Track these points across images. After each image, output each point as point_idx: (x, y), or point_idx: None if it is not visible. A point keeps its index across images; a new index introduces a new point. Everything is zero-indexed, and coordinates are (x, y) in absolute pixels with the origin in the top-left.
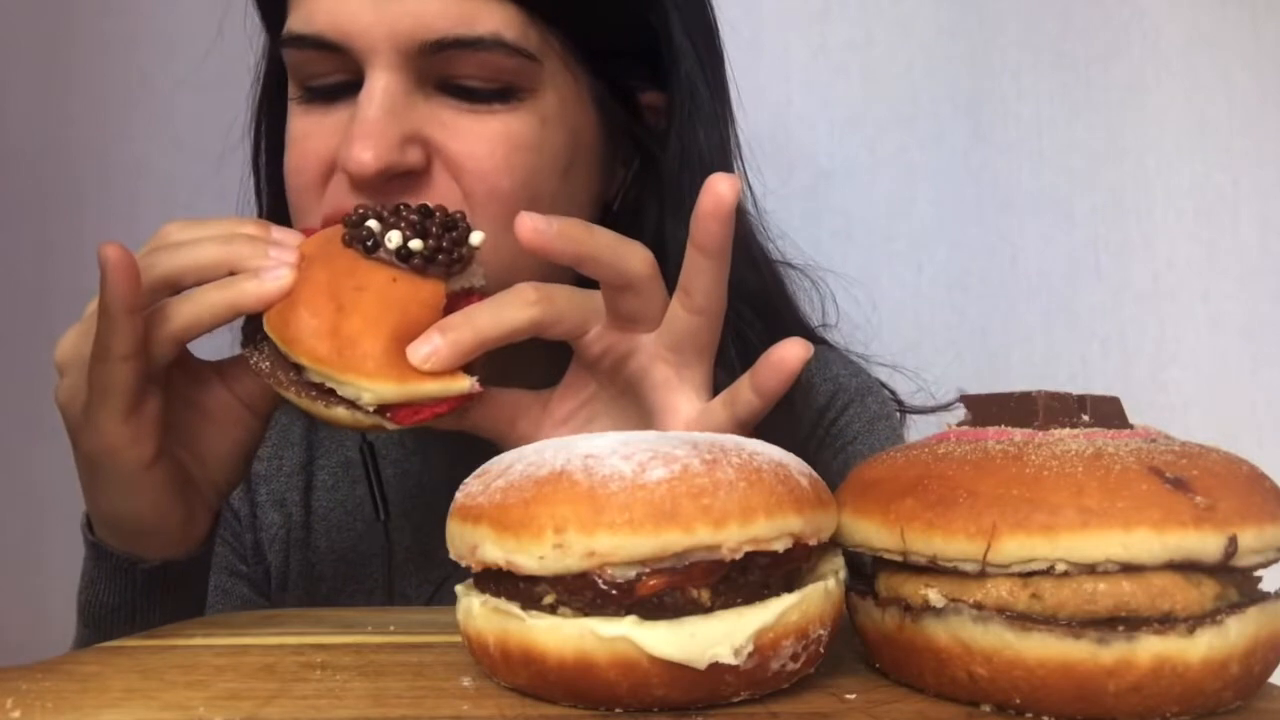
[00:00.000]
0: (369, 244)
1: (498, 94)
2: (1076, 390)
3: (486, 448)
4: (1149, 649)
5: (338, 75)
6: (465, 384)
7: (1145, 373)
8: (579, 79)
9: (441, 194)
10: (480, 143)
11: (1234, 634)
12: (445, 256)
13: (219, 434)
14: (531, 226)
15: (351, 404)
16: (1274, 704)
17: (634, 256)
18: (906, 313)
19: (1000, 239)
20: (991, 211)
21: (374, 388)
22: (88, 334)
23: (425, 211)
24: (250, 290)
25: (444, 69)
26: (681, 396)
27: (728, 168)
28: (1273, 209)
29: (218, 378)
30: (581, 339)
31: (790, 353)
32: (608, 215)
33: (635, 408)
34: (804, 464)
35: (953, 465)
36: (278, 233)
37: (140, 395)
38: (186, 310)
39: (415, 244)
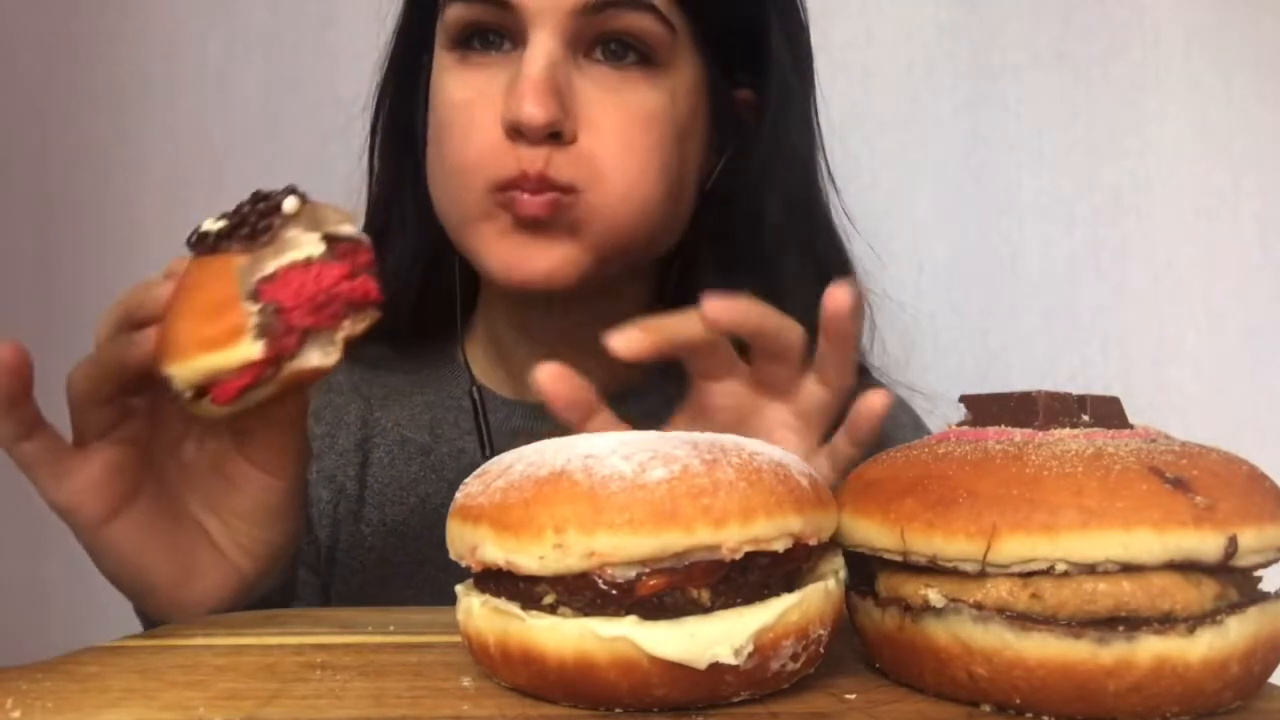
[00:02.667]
0: (191, 241)
1: (639, 57)
2: (1076, 390)
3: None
4: (1149, 649)
5: (498, 30)
6: (255, 350)
7: (1145, 373)
8: (698, 63)
9: (580, 160)
10: (617, 121)
11: (1234, 634)
12: (247, 229)
13: (237, 495)
14: (716, 311)
15: (184, 396)
16: (1274, 704)
17: (792, 330)
18: (907, 313)
19: (1000, 239)
20: (991, 211)
21: (172, 370)
22: (89, 375)
23: (253, 198)
24: (123, 351)
25: (598, 27)
26: None
27: (814, 162)
28: (1273, 209)
29: (231, 436)
30: (712, 385)
31: (875, 402)
32: (700, 196)
33: None
34: (804, 464)
35: (953, 465)
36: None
37: (64, 463)
38: (83, 370)
39: (207, 224)
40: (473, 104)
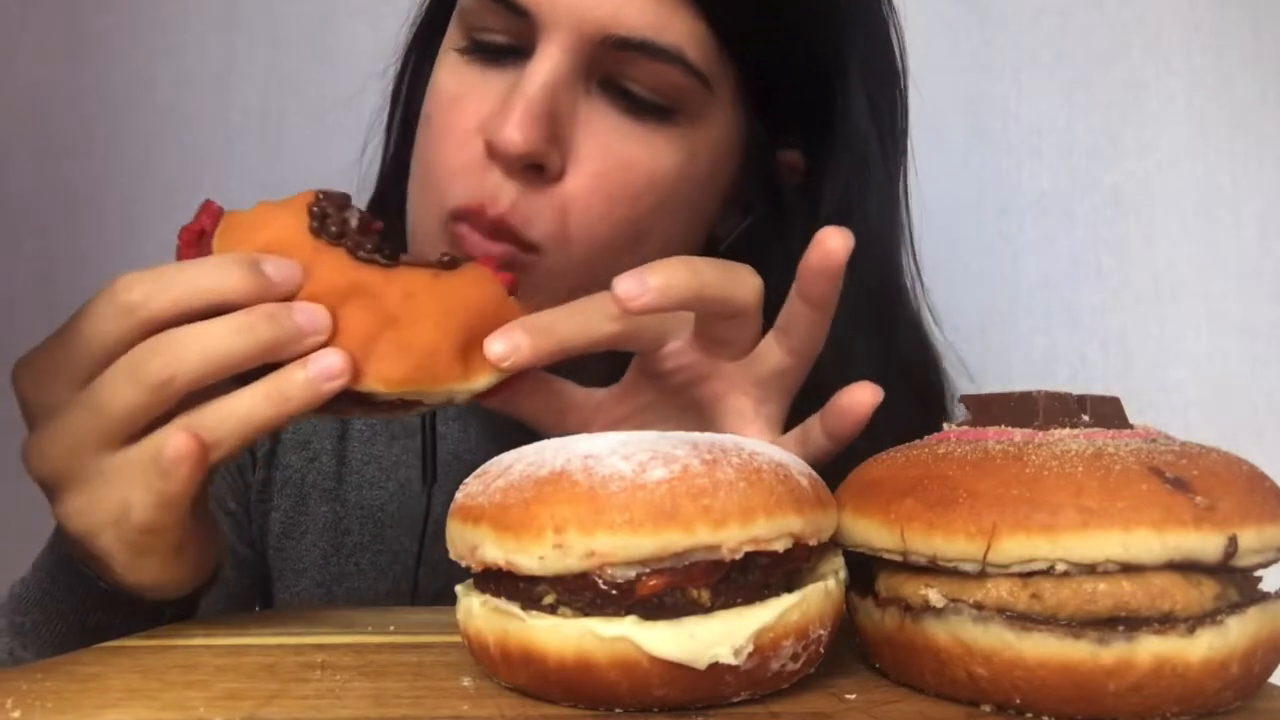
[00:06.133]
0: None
1: (659, 109)
2: (1076, 390)
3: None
4: (1149, 649)
5: (507, 36)
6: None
7: (1145, 373)
8: (738, 119)
9: (552, 211)
10: (610, 171)
11: (1234, 634)
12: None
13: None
14: (626, 299)
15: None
16: (1274, 704)
17: (742, 286)
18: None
19: (1000, 239)
20: (991, 211)
21: (471, 386)
22: (83, 445)
23: (361, 225)
24: (302, 398)
25: (616, 68)
26: (754, 431)
27: (895, 250)
28: (1273, 209)
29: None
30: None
31: (860, 398)
32: (712, 251)
33: (692, 427)
34: (804, 464)
35: (953, 465)
36: (273, 272)
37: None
38: (230, 435)
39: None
40: (460, 103)
